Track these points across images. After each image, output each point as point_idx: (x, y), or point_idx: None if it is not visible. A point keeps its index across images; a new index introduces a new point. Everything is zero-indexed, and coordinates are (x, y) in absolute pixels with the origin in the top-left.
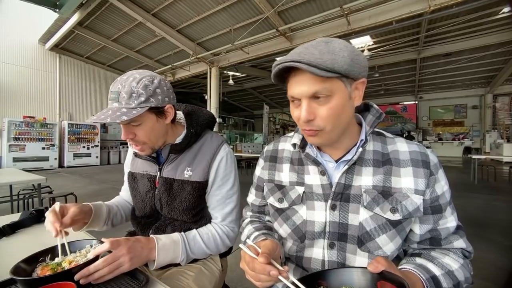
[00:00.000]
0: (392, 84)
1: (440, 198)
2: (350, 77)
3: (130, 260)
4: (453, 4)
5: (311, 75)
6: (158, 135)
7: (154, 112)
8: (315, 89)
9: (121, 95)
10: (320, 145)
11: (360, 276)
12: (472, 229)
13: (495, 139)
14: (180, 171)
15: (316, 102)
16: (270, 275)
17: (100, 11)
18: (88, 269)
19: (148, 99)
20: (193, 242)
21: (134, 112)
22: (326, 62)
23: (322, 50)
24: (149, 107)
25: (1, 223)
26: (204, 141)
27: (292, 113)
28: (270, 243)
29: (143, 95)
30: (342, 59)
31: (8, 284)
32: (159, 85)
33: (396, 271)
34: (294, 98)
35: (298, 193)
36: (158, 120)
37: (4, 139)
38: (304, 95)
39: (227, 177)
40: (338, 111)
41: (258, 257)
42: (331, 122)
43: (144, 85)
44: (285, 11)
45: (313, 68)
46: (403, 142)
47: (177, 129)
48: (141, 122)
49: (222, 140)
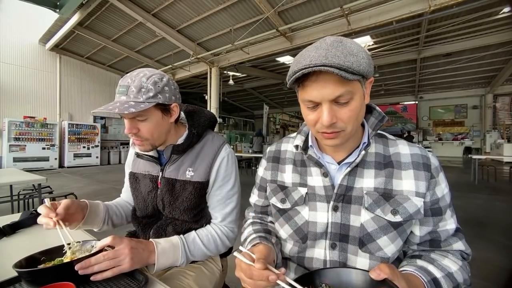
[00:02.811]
0: (392, 84)
1: (440, 200)
2: (367, 77)
3: (131, 260)
4: (453, 4)
5: (335, 79)
6: (161, 133)
7: (161, 109)
8: (339, 92)
9: (130, 89)
10: (336, 146)
11: (360, 278)
12: (472, 229)
13: (496, 139)
14: (182, 172)
15: (337, 105)
16: (268, 280)
17: (101, 11)
18: (89, 260)
19: (156, 95)
20: (193, 245)
21: (142, 106)
22: (353, 65)
23: (344, 52)
24: (156, 103)
25: (2, 223)
26: (206, 141)
27: (306, 117)
28: (263, 248)
29: (151, 90)
30: (363, 60)
31: (8, 284)
32: (167, 83)
33: (400, 279)
34: (313, 102)
35: (300, 194)
36: (163, 117)
37: (4, 139)
38: (326, 99)
39: (228, 178)
40: (357, 111)
41: (254, 263)
42: (352, 123)
43: (154, 82)
44: (285, 11)
45: (342, 72)
46: (405, 145)
47: (179, 129)
48: (147, 117)
49: (224, 141)
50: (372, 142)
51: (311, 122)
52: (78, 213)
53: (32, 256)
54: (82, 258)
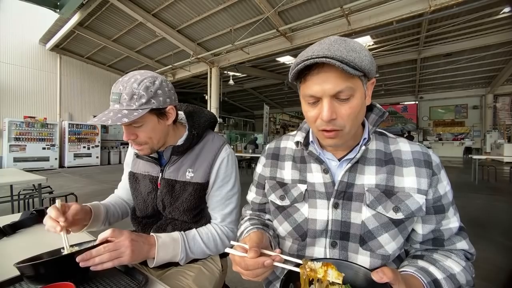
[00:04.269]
0: (392, 84)
1: (442, 198)
2: (368, 76)
3: (131, 252)
4: (453, 4)
5: (337, 73)
6: (159, 136)
7: (156, 113)
8: (340, 87)
9: (122, 96)
10: (336, 147)
11: (360, 276)
12: (472, 229)
13: (496, 139)
14: (182, 173)
15: (337, 101)
16: (265, 265)
17: (101, 11)
18: (90, 252)
19: (149, 101)
20: (193, 241)
21: (135, 114)
22: (356, 60)
23: (346, 48)
24: (150, 108)
25: (2, 223)
26: (206, 142)
27: (306, 114)
28: (254, 235)
29: (144, 96)
30: (365, 57)
31: (8, 284)
32: (160, 86)
33: (400, 284)
34: (314, 97)
35: (300, 191)
36: (159, 121)
37: (4, 139)
38: (327, 94)
39: (228, 178)
40: (357, 110)
41: (247, 253)
42: (351, 122)
43: (145, 87)
44: (286, 11)
45: (344, 65)
46: (405, 142)
47: (178, 130)
48: (143, 124)
49: (224, 141)
50: (373, 139)
51: (311, 119)
52: (82, 219)
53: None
54: (82, 250)
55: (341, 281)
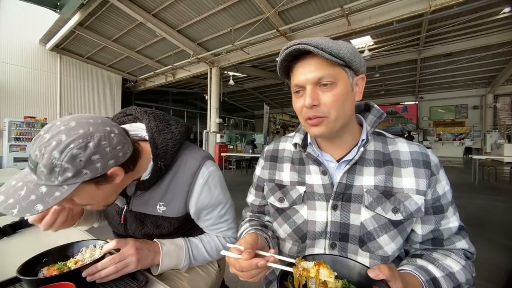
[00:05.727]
0: (392, 84)
1: (441, 198)
2: (352, 68)
3: (137, 261)
4: (453, 4)
5: (318, 61)
6: (104, 198)
7: (93, 182)
8: (320, 74)
9: (39, 168)
10: (322, 137)
11: (357, 272)
12: (473, 229)
13: (496, 140)
14: (152, 206)
15: (320, 89)
16: (258, 266)
17: (101, 11)
18: (95, 266)
19: (78, 173)
20: (196, 249)
21: (56, 194)
22: (332, 48)
23: (327, 40)
24: (81, 182)
25: (2, 223)
26: (177, 169)
27: (294, 105)
28: (249, 237)
29: (69, 169)
30: (346, 49)
31: (9, 284)
32: (97, 149)
33: (397, 280)
34: (298, 86)
35: (299, 193)
36: (99, 187)
37: (4, 139)
38: (310, 81)
39: (214, 201)
40: (342, 98)
41: (241, 255)
42: (336, 109)
43: (71, 156)
44: (286, 11)
45: (321, 51)
46: (403, 143)
47: (141, 160)
48: (75, 195)
49: (200, 161)
50: (371, 140)
51: (299, 109)
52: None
53: (33, 258)
54: (88, 264)
55: (333, 279)
